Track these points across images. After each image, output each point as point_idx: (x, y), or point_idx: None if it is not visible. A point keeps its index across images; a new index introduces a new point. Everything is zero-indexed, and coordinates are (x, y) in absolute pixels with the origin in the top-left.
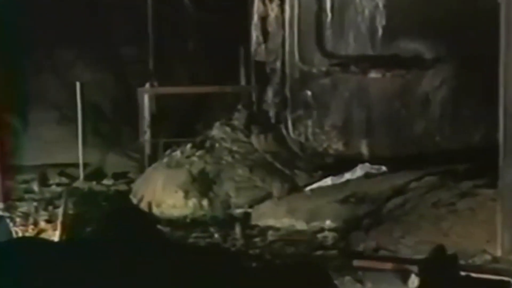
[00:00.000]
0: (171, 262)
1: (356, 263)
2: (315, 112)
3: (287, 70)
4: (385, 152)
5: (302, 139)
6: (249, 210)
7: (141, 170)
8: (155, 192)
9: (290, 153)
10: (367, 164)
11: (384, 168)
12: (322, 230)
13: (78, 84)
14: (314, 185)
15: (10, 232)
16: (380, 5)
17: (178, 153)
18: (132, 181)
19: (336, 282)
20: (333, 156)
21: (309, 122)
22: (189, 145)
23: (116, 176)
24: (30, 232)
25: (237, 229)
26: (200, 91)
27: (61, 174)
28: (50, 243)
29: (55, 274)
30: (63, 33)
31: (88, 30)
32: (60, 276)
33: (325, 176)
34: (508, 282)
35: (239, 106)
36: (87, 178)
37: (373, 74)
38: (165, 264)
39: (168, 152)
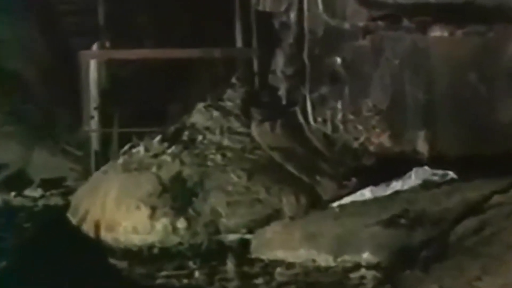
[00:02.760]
0: None
1: None
2: (348, 88)
3: (306, 26)
4: (453, 150)
5: (328, 129)
6: (248, 236)
7: (85, 175)
8: (106, 208)
9: (310, 150)
10: (425, 168)
11: (451, 174)
12: (357, 267)
13: None
14: (346, 199)
15: None
16: None
17: (141, 149)
18: (70, 191)
19: None
20: (375, 156)
21: (339, 104)
22: (157, 138)
23: (46, 184)
24: None
25: (230, 265)
26: (175, 55)
27: None
28: None
29: None
30: None
31: None
32: None
33: (362, 186)
34: None
35: (234, 80)
36: (1, 186)
37: (436, 32)
38: None
39: (125, 148)
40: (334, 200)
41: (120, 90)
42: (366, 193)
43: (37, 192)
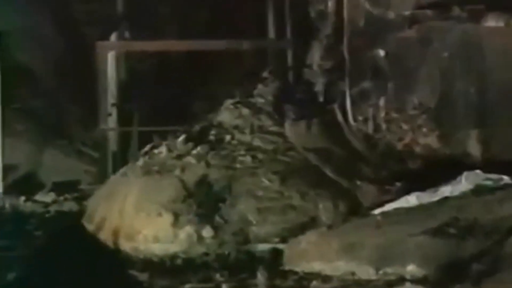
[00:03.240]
0: None
1: None
2: (392, 84)
3: (346, 15)
4: (508, 152)
5: (369, 128)
6: (280, 246)
7: (101, 178)
8: (125, 215)
9: (349, 151)
10: (477, 172)
11: (506, 179)
12: (401, 280)
13: None
14: (389, 206)
15: None
16: None
17: (163, 150)
18: (86, 196)
19: None
20: (421, 158)
21: (381, 101)
22: (181, 138)
23: (59, 188)
24: None
25: (260, 277)
26: (200, 48)
27: None
28: None
29: None
30: None
31: None
32: None
33: (407, 191)
34: None
35: (265, 74)
36: (10, 190)
37: (489, 22)
38: None
39: (146, 148)
40: (375, 207)
41: (141, 85)
42: (412, 199)
43: (49, 197)
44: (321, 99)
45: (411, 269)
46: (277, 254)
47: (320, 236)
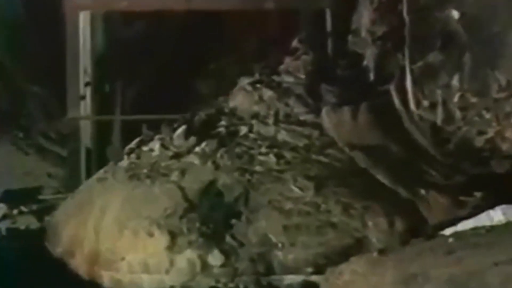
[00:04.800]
0: None
1: None
2: (469, 57)
3: None
4: None
5: (438, 118)
6: (314, 278)
7: (71, 184)
8: (103, 234)
9: (410, 149)
10: None
11: None
12: None
13: None
14: (464, 224)
15: None
16: None
17: (155, 146)
18: (49, 208)
19: None
20: (509, 159)
21: (455, 80)
22: (180, 130)
23: (13, 198)
24: None
25: None
26: (205, 8)
27: None
28: None
29: None
30: None
31: None
32: None
33: (490, 204)
34: None
35: (295, 44)
36: None
37: None
38: None
39: (132, 144)
40: (446, 225)
41: (125, 57)
42: (496, 215)
43: None
44: (371, 77)
45: None
46: None
47: (369, 264)
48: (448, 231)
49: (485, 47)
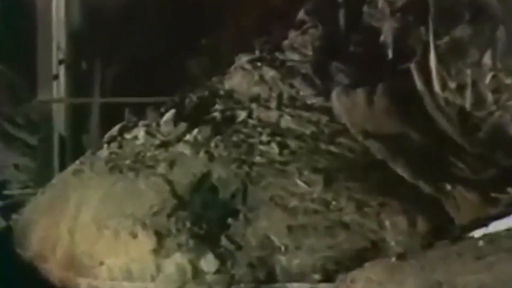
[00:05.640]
0: None
1: None
2: (503, 31)
3: None
4: None
5: (467, 101)
6: (323, 286)
7: (42, 177)
8: (79, 235)
9: (433, 137)
10: None
11: None
12: None
13: None
14: (496, 224)
15: None
16: None
17: (140, 133)
18: (16, 206)
19: None
20: None
21: (486, 58)
22: (168, 115)
23: None
24: None
25: None
26: None
27: None
28: None
29: None
30: None
31: None
32: None
33: None
34: None
35: (301, 15)
36: None
37: None
38: None
39: (113, 131)
40: (475, 226)
41: (104, 31)
42: None
43: None
44: (389, 54)
45: None
46: None
47: (386, 271)
48: (477, 233)
49: None
